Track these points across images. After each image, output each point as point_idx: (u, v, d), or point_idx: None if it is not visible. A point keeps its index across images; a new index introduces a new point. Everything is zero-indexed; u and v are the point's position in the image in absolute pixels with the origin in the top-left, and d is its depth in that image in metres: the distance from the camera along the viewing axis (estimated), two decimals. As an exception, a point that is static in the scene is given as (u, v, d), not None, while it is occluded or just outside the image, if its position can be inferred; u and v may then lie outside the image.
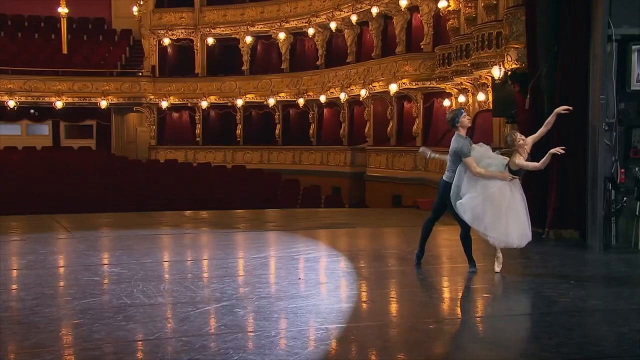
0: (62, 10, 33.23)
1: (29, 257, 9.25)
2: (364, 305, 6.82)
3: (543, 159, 7.66)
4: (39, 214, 16.01)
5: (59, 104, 31.67)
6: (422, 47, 23.61)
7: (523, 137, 7.80)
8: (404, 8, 24.18)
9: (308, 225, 14.18)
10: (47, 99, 31.64)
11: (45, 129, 33.65)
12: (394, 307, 6.84)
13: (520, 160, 7.65)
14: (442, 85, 21.87)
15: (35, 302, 6.47)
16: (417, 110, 24.04)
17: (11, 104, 31.19)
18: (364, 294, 7.28)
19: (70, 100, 31.91)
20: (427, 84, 22.73)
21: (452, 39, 20.62)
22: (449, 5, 21.36)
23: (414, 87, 23.41)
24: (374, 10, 25.55)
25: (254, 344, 5.17)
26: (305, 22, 29.92)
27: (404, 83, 23.48)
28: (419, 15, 24.04)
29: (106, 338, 5.26)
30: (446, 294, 7.57)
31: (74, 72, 32.04)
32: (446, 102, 22.50)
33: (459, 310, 6.89)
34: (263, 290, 7.17)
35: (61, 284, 7.87)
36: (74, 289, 7.15)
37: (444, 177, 8.07)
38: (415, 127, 23.94)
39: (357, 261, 9.13)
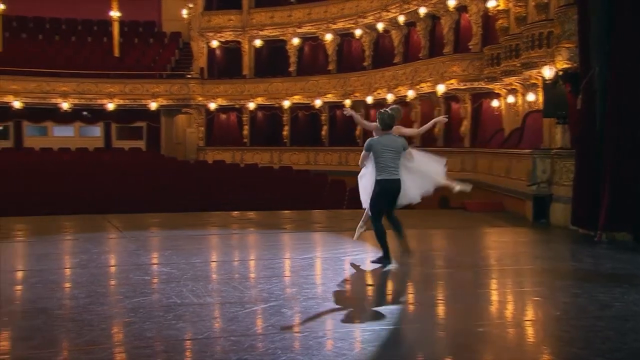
0: (114, 14, 33.92)
1: (82, 256, 9.46)
2: (411, 307, 6.78)
3: (425, 125, 9.24)
4: (91, 213, 16.36)
5: (110, 106, 32.31)
6: (470, 47, 23.37)
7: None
8: (452, 8, 23.98)
9: (354, 226, 14.11)
10: (99, 101, 32.32)
11: (97, 130, 34.37)
12: (441, 310, 6.79)
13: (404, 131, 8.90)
14: (490, 86, 21.61)
15: (88, 300, 6.61)
16: (465, 110, 23.80)
17: (65, 106, 31.94)
18: (410, 295, 7.24)
19: (121, 102, 32.53)
20: (476, 84, 22.49)
21: (502, 38, 20.35)
22: (498, 5, 21.10)
23: (462, 87, 23.19)
24: (422, 11, 25.39)
25: (301, 344, 5.18)
26: (353, 23, 29.92)
27: (451, 83, 23.28)
28: (467, 15, 23.81)
29: (156, 336, 5.33)
30: (495, 297, 7.47)
31: (125, 75, 32.65)
32: (495, 103, 22.23)
33: (508, 313, 6.79)
34: (310, 291, 7.19)
35: (113, 282, 8.02)
36: (125, 288, 7.28)
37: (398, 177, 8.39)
38: (463, 127, 23.71)
39: (404, 262, 9.08)
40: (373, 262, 8.58)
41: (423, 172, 8.75)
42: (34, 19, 35.13)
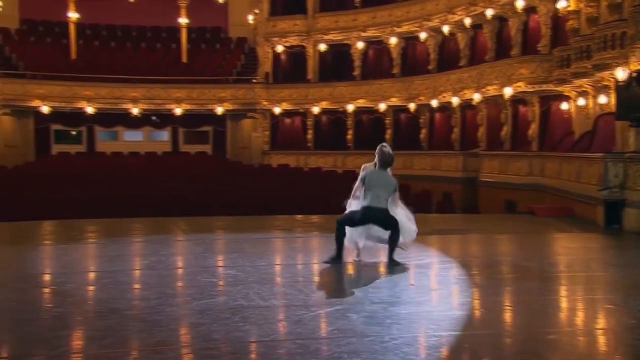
0: (182, 20, 34.65)
1: (151, 258, 9.68)
2: (478, 313, 6.68)
3: None
4: (159, 216, 16.72)
5: (178, 111, 33.01)
6: (539, 49, 22.89)
7: None
8: (521, 9, 23.55)
9: (419, 230, 14.04)
10: (167, 106, 33.06)
11: (165, 135, 35.17)
12: (508, 316, 6.66)
13: None
14: (560, 88, 21.11)
15: (157, 301, 6.75)
16: (533, 114, 23.31)
17: (135, 111, 32.81)
18: (477, 301, 7.13)
19: (188, 107, 33.19)
20: (544, 86, 22.02)
21: (572, 39, 19.87)
22: (568, 5, 20.60)
23: (530, 90, 22.73)
24: (489, 13, 25.03)
25: (367, 348, 5.16)
26: (418, 26, 29.74)
27: (519, 86, 22.85)
28: (536, 17, 23.35)
29: (223, 338, 5.41)
30: (564, 304, 7.29)
31: (193, 80, 33.31)
32: (564, 105, 21.72)
33: (579, 320, 6.61)
34: (375, 295, 7.16)
35: (181, 284, 8.18)
36: (193, 290, 7.41)
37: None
38: (531, 131, 23.23)
39: (469, 268, 8.96)
40: (325, 262, 8.87)
41: (401, 222, 8.91)
42: (106, 27, 36.21)
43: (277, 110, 33.55)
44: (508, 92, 23.32)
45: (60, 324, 6.00)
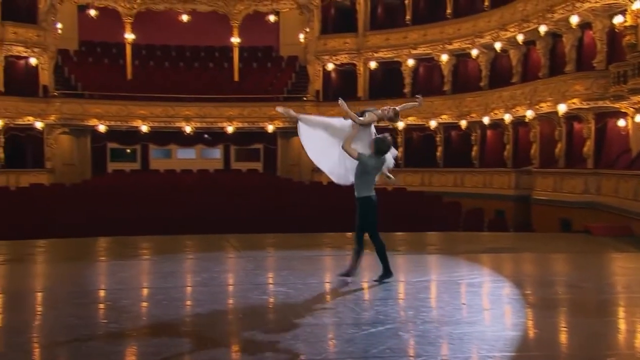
0: (235, 40, 35.18)
1: (203, 275, 9.79)
2: (532, 333, 6.56)
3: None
4: (210, 233, 16.92)
5: (230, 129, 33.43)
6: (594, 65, 22.49)
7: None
8: (575, 25, 23.18)
9: (470, 249, 13.89)
10: (219, 124, 33.53)
11: (217, 152, 35.64)
12: (564, 337, 6.52)
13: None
14: (616, 105, 20.66)
15: (210, 318, 6.83)
16: (588, 131, 22.86)
17: (188, 129, 33.37)
18: (531, 322, 7.01)
19: (240, 125, 33.60)
20: (600, 103, 21.58)
21: (629, 55, 19.46)
22: (625, 21, 20.20)
23: (585, 106, 22.30)
24: (542, 29, 24.72)
25: (418, 368, 5.13)
26: (469, 43, 29.57)
27: (573, 103, 22.45)
28: (591, 32, 22.96)
29: (276, 356, 5.43)
30: (623, 325, 7.10)
31: (244, 99, 33.71)
32: (621, 122, 21.25)
33: (638, 343, 6.43)
34: (427, 314, 7.10)
35: (233, 301, 8.25)
36: (244, 307, 7.47)
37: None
38: (586, 148, 22.77)
39: (523, 287, 8.82)
40: (341, 275, 8.95)
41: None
42: (161, 47, 37.01)
43: (326, 128, 33.64)
44: (562, 108, 22.93)
45: (116, 340, 6.12)
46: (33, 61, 31.99)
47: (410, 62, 32.33)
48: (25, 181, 29.63)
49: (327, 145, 9.22)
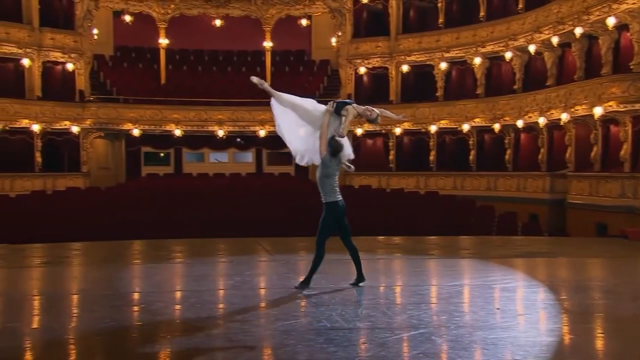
0: (267, 44, 35.37)
1: (235, 278, 9.84)
2: (568, 339, 6.47)
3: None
4: (242, 236, 17.01)
5: (262, 133, 33.59)
6: (631, 67, 22.11)
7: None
8: (612, 27, 22.84)
9: (504, 253, 13.76)
10: (251, 128, 33.71)
11: (249, 156, 35.82)
12: (601, 343, 6.42)
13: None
14: (655, 107, 20.31)
15: (243, 321, 6.86)
16: (624, 134, 22.48)
17: (220, 133, 33.60)
18: (566, 328, 6.91)
19: (272, 129, 33.62)
20: (637, 106, 21.23)
21: (667, 57, 19.12)
22: (662, 22, 19.86)
23: (622, 109, 21.95)
24: (578, 31, 24.40)
25: (452, 374, 5.09)
26: (503, 46, 29.33)
27: (610, 106, 22.12)
28: (628, 34, 22.58)
29: (309, 359, 5.43)
30: (662, 333, 6.95)
31: (276, 102, 33.78)
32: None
33: (677, 351, 6.29)
34: (460, 319, 7.04)
35: (265, 305, 8.27)
36: (277, 311, 7.49)
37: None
38: (623, 152, 22.39)
39: (558, 292, 8.70)
40: (352, 284, 8.92)
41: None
42: (194, 52, 37.36)
43: (358, 131, 33.63)
44: (598, 111, 22.61)
45: (150, 342, 6.18)
46: (70, 66, 32.52)
47: (443, 66, 32.16)
48: (61, 185, 30.13)
49: (295, 125, 9.24)
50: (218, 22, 35.74)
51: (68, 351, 5.93)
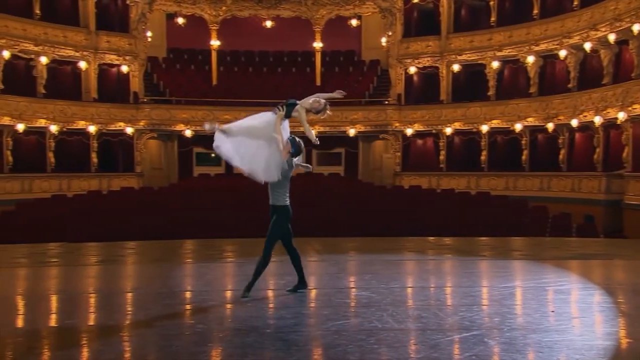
0: (317, 44, 35.46)
1: (286, 278, 9.88)
2: (626, 343, 6.30)
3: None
4: (293, 236, 17.05)
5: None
6: (691, 64, 21.49)
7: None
8: (672, 23, 22.23)
9: (558, 254, 13.51)
10: (301, 129, 33.76)
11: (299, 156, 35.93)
12: (661, 349, 6.24)
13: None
14: None
15: (294, 321, 6.89)
16: (685, 133, 21.85)
17: (270, 133, 33.80)
18: (624, 331, 6.74)
19: (321, 129, 33.74)
20: (697, 103, 20.61)
21: None
22: None
23: (682, 108, 21.33)
24: (636, 28, 23.78)
25: (505, 377, 5.01)
26: (557, 44, 28.78)
27: (669, 104, 21.52)
28: (686, 30, 21.96)
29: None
30: None
31: (327, 103, 33.86)
32: None
33: None
34: (513, 321, 6.94)
35: (316, 304, 8.29)
36: (328, 310, 7.49)
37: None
38: (682, 151, 21.77)
39: (614, 295, 8.50)
40: (290, 290, 8.55)
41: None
42: (245, 53, 37.69)
43: (409, 131, 33.46)
44: (657, 110, 22.02)
45: (203, 341, 6.26)
46: (124, 69, 33.18)
47: (495, 64, 31.73)
48: (116, 185, 30.77)
49: (251, 148, 8.55)
50: (269, 23, 35.96)
51: (123, 348, 6.05)
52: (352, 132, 33.69)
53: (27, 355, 5.71)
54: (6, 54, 28.25)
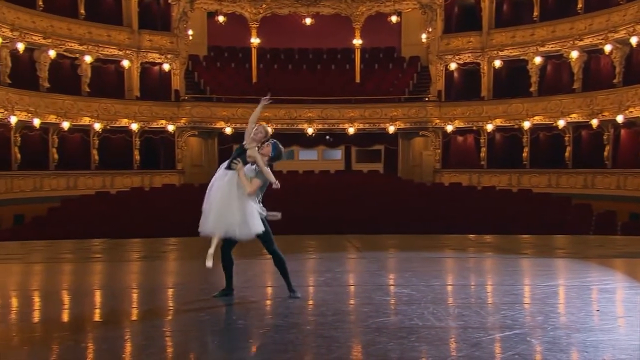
0: (357, 42, 35.39)
1: (326, 275, 9.91)
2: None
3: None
4: (331, 233, 17.10)
5: (351, 130, 33.64)
6: None
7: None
8: None
9: (602, 253, 13.28)
10: (340, 126, 33.82)
11: (338, 154, 35.95)
12: None
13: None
14: None
15: (334, 317, 6.89)
16: None
17: (310, 131, 33.88)
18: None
19: (361, 126, 33.74)
20: None
21: None
22: None
23: None
24: (682, 21, 23.23)
25: (549, 377, 4.94)
26: (602, 39, 28.22)
27: None
28: None
29: (400, 358, 5.40)
30: None
31: (365, 100, 33.83)
32: None
33: None
34: (557, 320, 6.84)
35: (356, 301, 8.29)
36: (368, 308, 7.48)
37: None
38: None
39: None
40: (215, 296, 8.03)
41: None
42: (284, 51, 37.80)
43: (449, 128, 33.17)
44: None
45: (243, 336, 6.31)
46: (166, 67, 33.57)
47: (537, 60, 31.24)
48: (158, 182, 31.20)
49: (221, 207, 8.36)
50: (308, 21, 35.98)
51: (165, 344, 6.13)
52: (391, 129, 33.55)
53: (73, 349, 5.83)
54: (52, 53, 28.82)
